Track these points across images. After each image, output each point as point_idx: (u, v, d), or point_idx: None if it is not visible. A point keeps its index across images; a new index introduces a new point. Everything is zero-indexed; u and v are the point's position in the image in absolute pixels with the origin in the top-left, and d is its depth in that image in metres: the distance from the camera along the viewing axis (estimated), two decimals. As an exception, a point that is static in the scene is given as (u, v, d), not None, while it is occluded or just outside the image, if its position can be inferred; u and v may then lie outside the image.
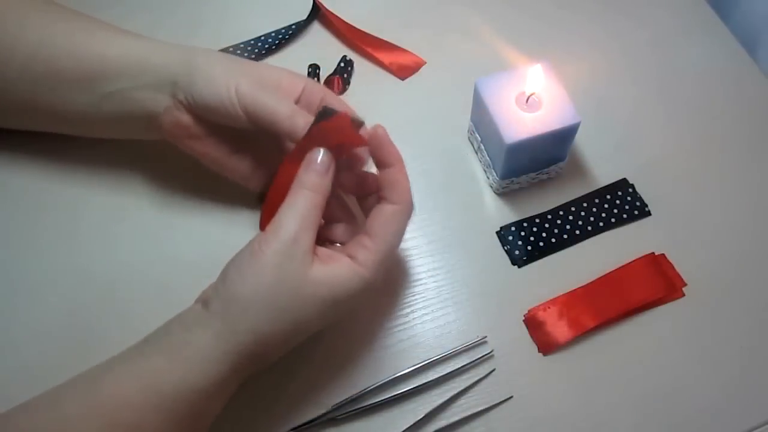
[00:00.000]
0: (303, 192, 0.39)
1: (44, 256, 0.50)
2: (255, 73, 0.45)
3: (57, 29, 0.47)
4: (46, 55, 0.46)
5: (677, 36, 0.61)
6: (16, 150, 0.54)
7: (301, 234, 0.38)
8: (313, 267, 0.38)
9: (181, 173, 0.53)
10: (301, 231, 0.38)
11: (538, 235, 0.52)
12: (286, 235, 0.38)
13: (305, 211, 0.39)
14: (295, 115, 0.42)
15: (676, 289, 0.49)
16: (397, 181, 0.41)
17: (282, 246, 0.38)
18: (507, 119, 0.48)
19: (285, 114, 0.42)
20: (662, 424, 0.45)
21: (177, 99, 0.45)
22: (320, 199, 0.40)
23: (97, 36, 0.47)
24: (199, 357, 0.37)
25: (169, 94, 0.45)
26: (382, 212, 0.41)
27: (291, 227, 0.38)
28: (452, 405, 0.46)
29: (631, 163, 0.55)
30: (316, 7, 0.62)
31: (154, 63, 0.45)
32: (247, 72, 0.44)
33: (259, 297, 0.37)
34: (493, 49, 0.60)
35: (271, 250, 0.38)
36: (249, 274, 0.38)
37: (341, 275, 0.39)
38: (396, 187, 0.41)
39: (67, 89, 0.47)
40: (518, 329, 0.48)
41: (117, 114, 0.47)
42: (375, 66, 0.60)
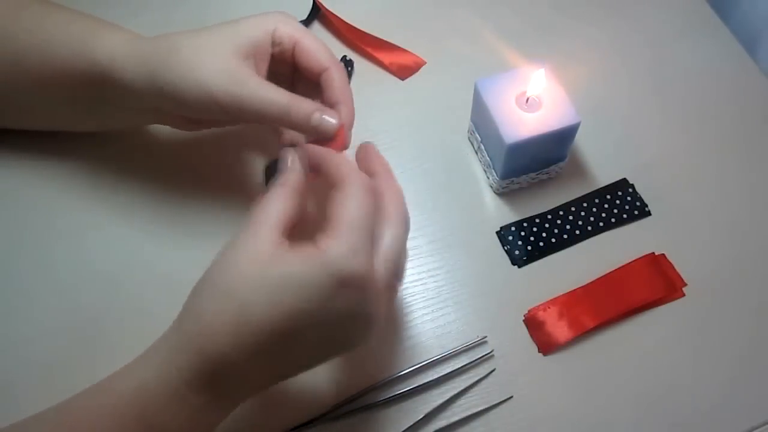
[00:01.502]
0: (271, 189, 0.38)
1: (44, 256, 0.50)
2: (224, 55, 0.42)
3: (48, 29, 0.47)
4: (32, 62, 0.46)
5: (677, 36, 0.61)
6: (17, 150, 0.54)
7: (264, 228, 0.36)
8: (278, 260, 0.35)
9: (183, 172, 0.53)
10: (260, 224, 0.36)
11: (538, 235, 0.52)
12: (250, 230, 0.36)
13: (266, 205, 0.37)
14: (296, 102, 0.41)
15: (676, 289, 0.50)
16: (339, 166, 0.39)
17: (245, 240, 0.36)
18: (507, 119, 0.48)
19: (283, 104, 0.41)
20: (662, 424, 0.45)
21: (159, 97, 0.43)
22: (283, 189, 0.38)
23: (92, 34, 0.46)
24: (155, 354, 0.36)
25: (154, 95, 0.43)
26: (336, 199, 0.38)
27: (254, 222, 0.36)
28: (452, 405, 0.46)
29: (631, 163, 0.55)
30: (316, 7, 0.62)
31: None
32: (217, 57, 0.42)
33: (205, 279, 0.36)
34: (493, 49, 0.60)
35: (236, 245, 0.36)
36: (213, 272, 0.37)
37: (298, 259, 0.35)
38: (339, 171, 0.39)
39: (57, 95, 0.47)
40: (518, 329, 0.48)
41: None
42: (375, 66, 0.60)
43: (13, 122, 0.52)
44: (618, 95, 0.58)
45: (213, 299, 0.35)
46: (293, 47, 0.44)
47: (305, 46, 0.44)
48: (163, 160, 0.54)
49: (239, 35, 0.43)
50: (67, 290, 0.49)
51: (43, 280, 0.49)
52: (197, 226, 0.52)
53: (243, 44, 0.43)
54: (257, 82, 0.41)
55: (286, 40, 0.44)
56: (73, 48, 0.45)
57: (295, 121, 0.41)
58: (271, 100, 0.41)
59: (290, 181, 0.39)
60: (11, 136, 0.52)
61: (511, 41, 0.61)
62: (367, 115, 0.57)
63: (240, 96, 0.41)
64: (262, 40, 0.44)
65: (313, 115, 0.41)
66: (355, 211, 0.37)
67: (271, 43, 0.44)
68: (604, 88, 0.58)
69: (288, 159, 0.40)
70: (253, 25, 0.44)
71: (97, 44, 0.45)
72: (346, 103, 0.44)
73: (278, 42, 0.44)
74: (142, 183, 0.53)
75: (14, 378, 0.46)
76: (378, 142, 0.55)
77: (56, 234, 0.51)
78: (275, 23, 0.44)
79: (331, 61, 0.44)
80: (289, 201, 0.38)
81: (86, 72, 0.45)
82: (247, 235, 0.36)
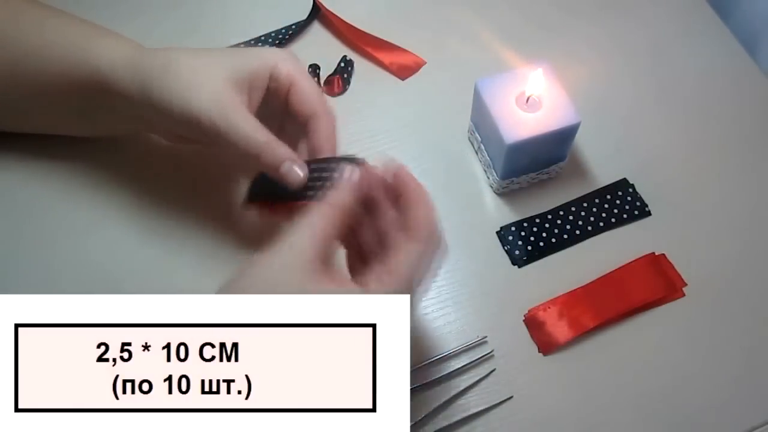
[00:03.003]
0: (315, 205, 0.37)
1: (43, 256, 0.50)
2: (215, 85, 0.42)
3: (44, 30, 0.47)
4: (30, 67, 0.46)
5: (677, 36, 0.61)
6: (16, 150, 0.54)
7: (302, 245, 0.35)
8: (313, 283, 0.35)
9: (182, 173, 0.53)
10: (304, 241, 0.35)
11: (538, 235, 0.52)
12: (285, 243, 0.35)
13: (314, 222, 0.36)
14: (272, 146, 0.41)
15: (676, 289, 0.50)
16: (416, 212, 0.38)
17: (280, 251, 0.35)
18: (507, 119, 0.48)
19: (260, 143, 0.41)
20: (662, 424, 0.45)
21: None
22: (331, 210, 0.37)
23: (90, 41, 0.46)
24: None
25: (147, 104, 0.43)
26: (399, 245, 0.38)
27: (293, 236, 0.36)
28: (452, 405, 0.46)
29: (631, 163, 0.55)
30: (316, 7, 0.62)
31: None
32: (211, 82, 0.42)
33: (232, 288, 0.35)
34: (494, 49, 0.60)
35: (268, 256, 0.35)
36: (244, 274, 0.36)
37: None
38: (415, 216, 0.38)
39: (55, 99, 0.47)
40: (518, 329, 0.48)
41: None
42: (375, 66, 0.60)
43: (9, 126, 0.52)
44: (618, 95, 0.58)
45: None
46: (288, 87, 0.44)
47: (300, 89, 0.44)
48: (163, 161, 0.53)
49: (238, 64, 0.43)
50: (64, 291, 0.49)
51: (41, 280, 0.49)
52: (197, 228, 0.51)
53: (240, 74, 0.43)
54: (242, 116, 0.42)
55: (283, 78, 0.44)
56: (71, 54, 0.45)
57: (265, 162, 0.41)
58: (249, 136, 0.41)
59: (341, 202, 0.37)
60: (11, 136, 0.52)
61: (511, 41, 0.61)
62: (367, 115, 0.57)
63: (222, 125, 0.41)
64: (260, 74, 0.44)
65: (284, 163, 0.41)
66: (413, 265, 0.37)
67: (268, 77, 0.44)
68: (604, 88, 0.58)
69: (345, 175, 0.38)
70: (254, 57, 0.44)
71: (95, 51, 0.45)
72: (328, 153, 0.44)
73: (275, 78, 0.44)
74: (143, 186, 0.53)
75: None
76: (378, 142, 0.56)
77: (54, 235, 0.51)
78: (276, 60, 0.44)
79: (321, 109, 0.44)
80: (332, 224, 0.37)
81: (84, 78, 0.45)
82: (282, 255, 0.35)
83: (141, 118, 0.46)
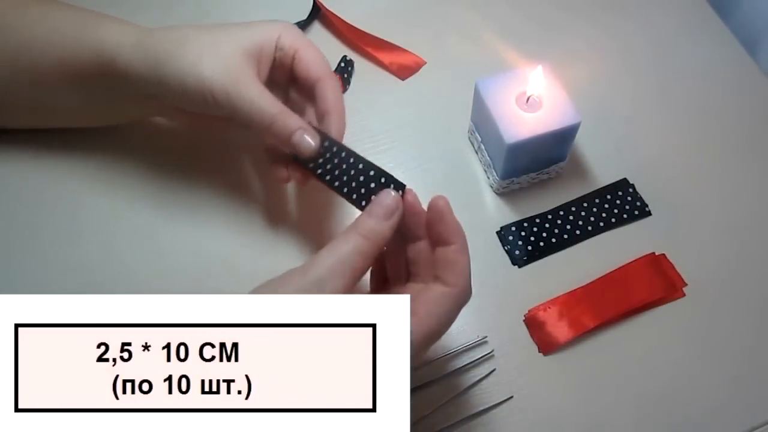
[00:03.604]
0: (351, 236, 0.36)
1: (42, 254, 0.50)
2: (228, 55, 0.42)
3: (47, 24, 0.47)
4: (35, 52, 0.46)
5: (677, 36, 0.61)
6: (15, 149, 0.54)
7: (332, 277, 0.34)
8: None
9: (182, 171, 0.53)
10: (332, 274, 0.34)
11: (538, 235, 0.52)
12: (314, 275, 0.34)
13: (345, 255, 0.35)
14: (284, 116, 0.41)
15: (676, 289, 0.49)
16: (456, 262, 0.37)
17: (305, 284, 0.34)
18: (507, 119, 0.48)
19: (272, 113, 0.41)
20: (662, 424, 0.45)
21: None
22: (368, 245, 0.36)
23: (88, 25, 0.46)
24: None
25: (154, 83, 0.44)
26: (431, 291, 0.37)
27: (322, 267, 0.35)
28: (452, 405, 0.46)
29: (631, 163, 0.55)
30: (316, 7, 0.62)
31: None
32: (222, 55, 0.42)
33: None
34: (494, 49, 0.60)
35: (293, 286, 0.34)
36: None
37: None
38: (453, 267, 0.37)
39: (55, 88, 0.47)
40: (518, 329, 0.48)
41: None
42: (375, 66, 0.60)
43: (14, 119, 0.52)
44: (618, 95, 0.58)
45: None
46: (293, 55, 0.45)
47: (305, 55, 0.45)
48: (162, 159, 0.53)
49: (247, 38, 0.44)
50: (62, 290, 0.49)
51: (40, 280, 0.49)
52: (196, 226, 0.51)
53: (249, 47, 0.43)
54: (254, 87, 0.42)
55: (287, 47, 0.45)
56: (76, 39, 0.45)
57: (277, 133, 0.42)
58: (262, 107, 0.42)
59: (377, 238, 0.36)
60: (10, 134, 0.52)
61: (511, 41, 0.61)
62: (367, 115, 0.57)
63: (236, 97, 0.42)
64: (267, 45, 0.44)
65: (295, 132, 0.42)
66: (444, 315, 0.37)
67: (275, 48, 0.45)
68: (604, 88, 0.58)
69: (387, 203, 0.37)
70: (260, 30, 0.45)
71: (102, 33, 0.45)
72: (337, 114, 0.44)
73: (280, 48, 0.45)
74: (141, 183, 0.53)
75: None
76: (378, 142, 0.56)
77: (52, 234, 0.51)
78: (280, 30, 0.45)
79: (326, 73, 0.45)
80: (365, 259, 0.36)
81: (90, 62, 0.45)
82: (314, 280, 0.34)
83: (150, 98, 0.46)
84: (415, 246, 0.39)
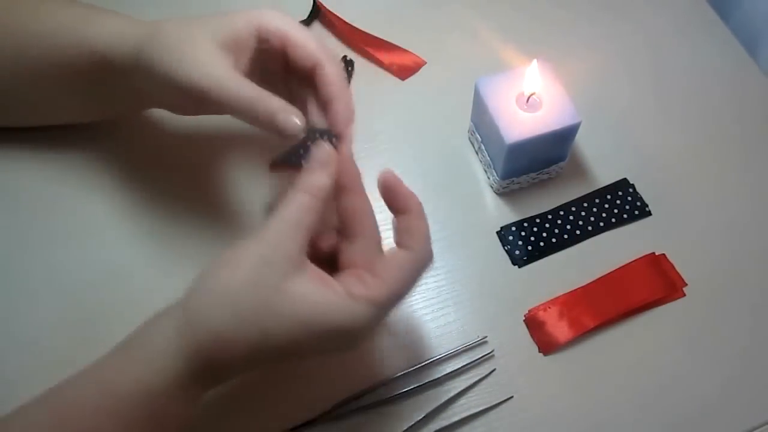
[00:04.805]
0: (294, 195, 0.37)
1: (42, 255, 0.50)
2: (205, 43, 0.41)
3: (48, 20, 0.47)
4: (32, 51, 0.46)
5: (677, 36, 0.61)
6: (14, 150, 0.54)
7: (284, 239, 0.35)
8: (294, 279, 0.35)
9: (181, 173, 0.53)
10: (284, 234, 0.35)
11: (538, 235, 0.52)
12: (268, 238, 0.35)
13: (292, 216, 0.36)
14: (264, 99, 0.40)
15: (676, 289, 0.49)
16: (416, 228, 0.38)
17: (261, 248, 0.35)
18: (507, 119, 0.48)
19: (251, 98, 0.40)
20: (662, 424, 0.45)
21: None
22: (311, 200, 0.37)
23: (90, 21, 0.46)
24: (156, 352, 0.35)
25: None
26: (394, 256, 0.38)
27: (274, 230, 0.35)
28: (452, 405, 0.46)
29: (631, 163, 0.55)
30: (316, 7, 0.62)
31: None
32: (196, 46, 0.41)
33: (226, 297, 0.35)
34: (494, 49, 0.60)
35: (249, 251, 0.35)
36: (222, 272, 0.35)
37: (327, 302, 0.35)
38: (413, 233, 0.38)
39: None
40: (518, 329, 0.48)
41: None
42: (375, 66, 0.60)
43: (13, 118, 0.52)
44: (618, 95, 0.58)
45: (234, 317, 0.35)
46: (283, 43, 0.43)
47: (294, 40, 0.42)
48: (161, 162, 0.53)
49: (221, 27, 0.42)
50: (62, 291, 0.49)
51: (39, 281, 0.49)
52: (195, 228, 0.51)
53: (223, 36, 0.42)
54: (229, 76, 0.41)
55: (273, 35, 0.43)
56: (70, 36, 0.45)
57: (260, 118, 0.40)
58: (239, 94, 0.40)
59: (319, 192, 0.37)
60: (8, 135, 0.52)
61: (511, 41, 0.61)
62: (367, 115, 0.57)
63: (210, 86, 0.40)
64: (243, 34, 0.43)
65: (278, 114, 0.40)
66: (407, 278, 0.37)
67: (256, 38, 0.43)
68: (604, 88, 0.58)
69: (320, 158, 0.38)
70: (237, 19, 0.43)
71: (93, 30, 0.45)
72: (342, 100, 0.42)
73: (265, 38, 0.43)
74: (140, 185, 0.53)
75: (14, 377, 0.46)
76: (378, 142, 0.56)
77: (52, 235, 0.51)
78: (261, 18, 0.43)
79: (323, 55, 0.42)
80: (313, 215, 0.36)
81: (85, 58, 0.45)
82: (268, 246, 0.35)
83: (143, 92, 0.45)
84: (346, 199, 0.39)
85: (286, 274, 0.35)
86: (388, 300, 0.36)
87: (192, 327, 0.35)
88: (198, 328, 0.35)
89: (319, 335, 0.35)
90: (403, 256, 0.37)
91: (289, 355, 0.37)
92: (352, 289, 0.36)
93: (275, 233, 0.36)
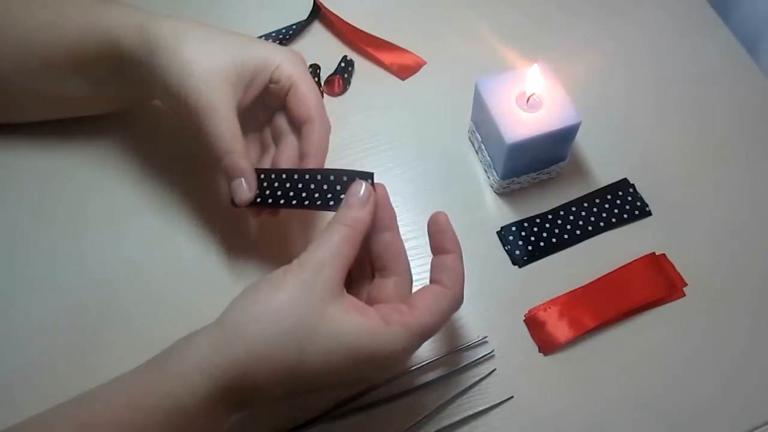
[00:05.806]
0: (335, 227, 0.38)
1: (45, 254, 0.50)
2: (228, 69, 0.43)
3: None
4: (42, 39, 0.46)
5: (678, 36, 0.61)
6: (18, 147, 0.54)
7: (327, 265, 0.36)
8: (334, 305, 0.36)
9: (186, 172, 0.53)
10: (326, 262, 0.36)
11: (538, 235, 0.52)
12: (310, 264, 0.36)
13: (333, 245, 0.37)
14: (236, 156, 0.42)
15: (676, 290, 0.50)
16: (453, 269, 0.39)
17: (303, 273, 0.36)
18: (507, 119, 0.48)
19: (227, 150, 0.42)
20: (662, 424, 0.45)
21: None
22: (352, 232, 0.38)
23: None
24: (190, 367, 0.35)
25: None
26: (430, 290, 0.39)
27: (316, 257, 0.36)
28: (453, 405, 0.46)
29: (631, 163, 0.55)
30: (316, 7, 0.62)
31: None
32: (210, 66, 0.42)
33: (267, 314, 0.35)
34: (494, 49, 0.60)
35: (291, 276, 0.36)
36: (263, 294, 0.36)
37: (363, 327, 0.36)
38: (451, 273, 0.39)
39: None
40: (519, 329, 0.48)
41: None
42: (375, 66, 0.60)
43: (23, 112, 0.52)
44: (618, 95, 0.58)
45: (274, 335, 0.35)
46: (289, 89, 0.45)
47: (299, 93, 0.44)
48: (166, 160, 0.54)
49: (243, 56, 0.43)
50: (66, 291, 0.49)
51: (42, 280, 0.49)
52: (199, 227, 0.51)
53: (242, 67, 0.43)
54: (227, 114, 0.42)
55: (284, 79, 0.45)
56: (82, 22, 0.45)
57: (224, 169, 0.43)
58: (223, 138, 0.42)
59: (359, 225, 0.38)
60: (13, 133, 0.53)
61: (511, 41, 0.61)
62: (367, 115, 0.57)
63: (205, 113, 0.41)
64: (262, 72, 0.44)
65: (237, 179, 0.42)
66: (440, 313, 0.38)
67: (269, 76, 0.45)
68: (604, 87, 0.58)
69: (361, 193, 0.39)
70: (261, 54, 0.44)
71: (106, 17, 0.45)
72: (315, 160, 0.44)
73: (276, 80, 0.45)
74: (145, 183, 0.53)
75: (13, 379, 0.46)
76: (378, 142, 0.56)
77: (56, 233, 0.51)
78: (281, 59, 0.44)
79: (317, 116, 0.45)
80: (353, 247, 0.38)
81: (97, 44, 0.45)
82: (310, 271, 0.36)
83: (150, 84, 0.45)
84: (382, 237, 0.40)
85: (327, 299, 0.36)
86: (422, 329, 0.37)
87: (230, 343, 0.35)
88: (236, 344, 0.35)
89: (354, 359, 0.35)
90: (439, 291, 0.39)
91: (322, 381, 0.37)
92: (388, 317, 0.37)
93: (317, 260, 0.36)
